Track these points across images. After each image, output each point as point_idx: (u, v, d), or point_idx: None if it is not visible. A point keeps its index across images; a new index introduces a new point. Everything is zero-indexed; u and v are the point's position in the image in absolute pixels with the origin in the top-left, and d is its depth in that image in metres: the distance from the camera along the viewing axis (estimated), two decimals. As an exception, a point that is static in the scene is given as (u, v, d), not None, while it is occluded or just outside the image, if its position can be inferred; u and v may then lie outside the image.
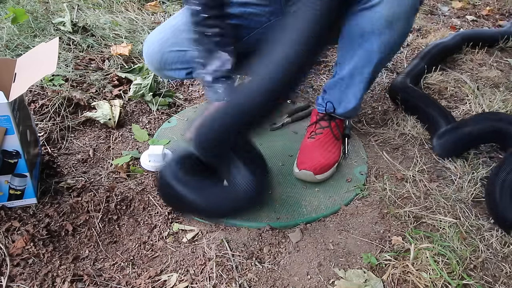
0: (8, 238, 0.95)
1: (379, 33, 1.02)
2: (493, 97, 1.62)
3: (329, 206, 1.11)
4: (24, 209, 1.03)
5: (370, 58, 1.08)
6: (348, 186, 1.19)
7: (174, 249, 0.99)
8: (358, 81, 1.14)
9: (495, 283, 0.92)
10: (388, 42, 1.05)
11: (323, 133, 1.23)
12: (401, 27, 1.03)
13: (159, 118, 1.47)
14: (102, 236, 1.01)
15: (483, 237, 1.02)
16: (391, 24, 1.01)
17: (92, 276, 0.91)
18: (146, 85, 1.52)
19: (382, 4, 0.98)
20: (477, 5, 2.78)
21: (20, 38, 1.76)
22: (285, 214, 1.08)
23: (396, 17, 1.00)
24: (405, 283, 0.90)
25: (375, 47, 1.05)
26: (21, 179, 1.00)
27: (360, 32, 1.05)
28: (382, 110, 1.59)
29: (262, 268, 0.94)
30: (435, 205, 1.11)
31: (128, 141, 1.35)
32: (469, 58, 1.98)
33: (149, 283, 0.90)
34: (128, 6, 2.24)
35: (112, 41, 1.89)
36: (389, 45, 1.06)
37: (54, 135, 1.32)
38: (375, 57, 1.08)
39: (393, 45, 1.07)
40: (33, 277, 0.89)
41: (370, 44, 1.05)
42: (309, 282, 0.91)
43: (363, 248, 1.00)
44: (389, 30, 1.02)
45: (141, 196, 1.12)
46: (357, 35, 1.05)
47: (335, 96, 1.20)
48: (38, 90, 1.48)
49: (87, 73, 1.64)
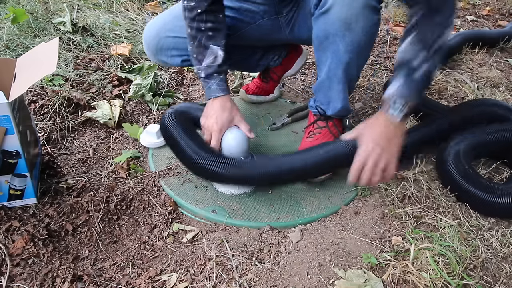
0: (8, 238, 0.95)
1: (341, 35, 1.02)
2: (493, 97, 1.62)
3: (329, 206, 1.11)
4: (24, 209, 1.03)
5: (339, 59, 1.08)
6: (348, 186, 1.19)
7: (174, 249, 0.99)
8: (336, 82, 1.14)
9: (495, 283, 0.92)
10: (353, 42, 1.04)
11: (321, 132, 1.23)
12: (361, 27, 1.01)
13: (159, 118, 1.47)
14: (102, 236, 1.01)
15: (483, 237, 1.02)
16: (350, 25, 1.00)
17: (92, 276, 0.91)
18: (146, 85, 1.52)
19: (336, 8, 0.99)
20: (477, 5, 2.78)
21: (20, 38, 1.76)
22: (285, 214, 1.08)
23: (354, 18, 0.99)
24: (405, 283, 0.90)
25: (342, 47, 1.05)
26: (21, 179, 1.00)
27: (325, 35, 1.05)
28: (382, 110, 1.59)
29: (262, 268, 0.94)
30: (435, 205, 1.11)
31: (128, 141, 1.35)
32: (469, 58, 1.98)
33: (149, 283, 0.90)
34: (128, 6, 2.24)
35: (112, 41, 1.89)
36: (355, 45, 1.05)
37: (54, 135, 1.32)
38: (344, 58, 1.07)
39: (360, 44, 1.05)
40: (33, 277, 0.89)
41: (336, 45, 1.05)
42: (309, 282, 0.91)
43: (363, 248, 1.00)
44: (349, 32, 1.01)
45: (141, 196, 1.12)
46: (323, 37, 1.06)
47: (322, 99, 1.21)
48: (38, 90, 1.48)
49: (87, 73, 1.64)
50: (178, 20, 1.23)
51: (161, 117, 1.19)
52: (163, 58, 1.29)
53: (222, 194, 1.14)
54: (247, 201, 1.12)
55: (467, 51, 2.02)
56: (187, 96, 1.63)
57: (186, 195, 1.12)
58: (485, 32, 2.23)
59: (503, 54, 2.09)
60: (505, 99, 1.61)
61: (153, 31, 1.26)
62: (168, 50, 1.27)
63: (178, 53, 1.27)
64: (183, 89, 1.68)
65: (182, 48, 1.25)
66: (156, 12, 2.28)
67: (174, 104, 1.55)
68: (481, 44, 2.04)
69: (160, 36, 1.25)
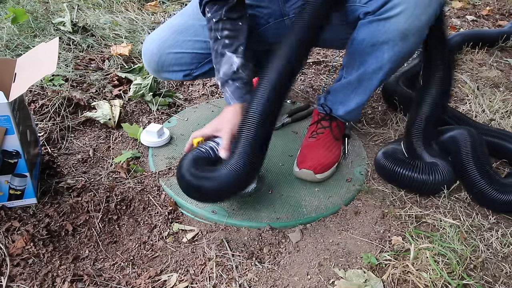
0: (8, 238, 0.95)
1: (393, 44, 1.01)
2: (493, 97, 1.62)
3: (329, 206, 1.11)
4: (24, 209, 1.03)
5: (380, 67, 1.08)
6: (348, 186, 1.19)
7: (174, 249, 0.99)
8: (365, 87, 1.14)
9: (495, 283, 0.92)
10: (400, 53, 1.04)
11: (324, 132, 1.24)
12: (415, 40, 1.01)
13: (159, 118, 1.47)
14: (102, 236, 1.01)
15: (483, 237, 1.02)
16: (406, 36, 0.99)
17: (92, 276, 0.91)
18: (146, 85, 1.52)
19: (401, 17, 0.96)
20: (477, 5, 2.78)
21: (20, 38, 1.76)
22: (285, 214, 1.08)
23: (413, 31, 0.99)
24: (405, 283, 0.90)
25: (387, 56, 1.05)
26: (21, 179, 1.00)
27: (372, 41, 1.04)
28: (382, 110, 1.59)
29: (262, 268, 0.94)
30: (435, 205, 1.11)
31: (128, 141, 1.35)
32: (469, 58, 1.98)
33: (149, 283, 0.90)
34: (128, 6, 2.24)
35: (112, 41, 1.89)
36: (400, 56, 1.05)
37: (54, 135, 1.32)
38: (385, 67, 1.07)
39: (405, 55, 1.06)
40: (33, 277, 0.89)
41: (381, 53, 1.05)
42: (309, 282, 0.91)
43: (363, 248, 1.00)
44: (402, 43, 1.01)
45: (141, 196, 1.12)
46: (369, 43, 1.04)
47: (339, 98, 1.21)
48: (38, 90, 1.48)
49: (87, 73, 1.64)
50: (178, 34, 1.22)
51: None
52: (164, 75, 1.29)
53: (222, 194, 1.14)
54: (247, 201, 1.12)
55: (467, 51, 2.03)
56: (187, 96, 1.63)
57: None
58: (484, 31, 2.23)
59: (503, 54, 2.09)
60: (505, 99, 1.61)
61: (153, 49, 1.24)
62: (169, 66, 1.26)
63: (180, 68, 1.26)
64: (183, 89, 1.68)
65: (183, 63, 1.25)
66: (156, 12, 2.28)
67: (174, 104, 1.55)
68: (481, 44, 2.04)
69: (161, 53, 1.23)
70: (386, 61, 1.06)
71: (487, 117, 1.51)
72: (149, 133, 1.30)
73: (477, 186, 1.08)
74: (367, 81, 1.13)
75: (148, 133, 1.30)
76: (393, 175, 1.14)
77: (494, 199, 1.06)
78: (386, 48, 1.03)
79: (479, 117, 1.51)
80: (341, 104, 1.21)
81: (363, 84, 1.14)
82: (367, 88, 1.14)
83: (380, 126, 1.49)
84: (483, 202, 1.10)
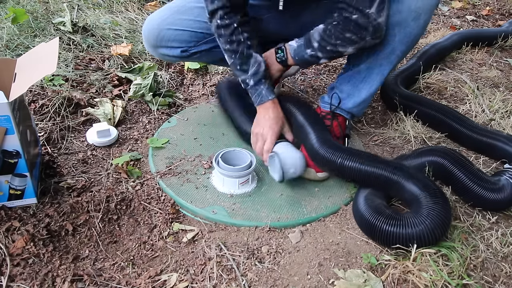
0: (8, 238, 0.95)
1: (405, 25, 1.03)
2: (493, 97, 1.62)
3: (329, 206, 1.11)
4: (24, 209, 1.03)
5: (392, 49, 1.08)
6: (348, 186, 1.19)
7: (174, 249, 0.99)
8: (376, 74, 1.14)
9: (495, 283, 0.92)
10: (411, 34, 1.05)
11: None
12: (425, 19, 1.04)
13: (159, 118, 1.47)
14: (102, 236, 1.01)
15: (483, 237, 1.02)
16: (419, 16, 1.01)
17: (92, 276, 0.91)
18: (146, 85, 1.52)
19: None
20: (477, 5, 2.78)
21: (20, 38, 1.76)
22: (285, 214, 1.08)
23: (425, 9, 1.01)
24: (405, 283, 0.90)
25: (398, 38, 1.05)
26: (21, 179, 1.00)
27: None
28: (382, 110, 1.59)
29: (262, 268, 0.94)
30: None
31: (128, 141, 1.35)
32: (469, 58, 1.98)
33: (149, 283, 0.90)
34: (128, 6, 2.24)
35: (112, 41, 1.89)
36: (411, 37, 1.06)
37: (54, 135, 1.32)
38: (398, 49, 1.08)
39: (415, 37, 1.07)
40: (33, 277, 0.89)
41: (393, 36, 1.05)
42: (309, 282, 0.91)
43: (363, 248, 1.00)
44: (414, 22, 1.02)
45: (141, 196, 1.12)
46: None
47: (347, 90, 1.20)
48: (38, 90, 1.48)
49: (87, 73, 1.64)
50: (178, 14, 1.25)
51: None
52: (162, 50, 1.29)
53: (222, 194, 1.14)
54: (247, 201, 1.12)
55: (467, 51, 2.03)
56: (187, 96, 1.63)
57: (186, 195, 1.12)
58: (482, 31, 2.23)
59: (503, 54, 2.09)
60: (505, 99, 1.61)
61: (153, 24, 1.27)
62: (168, 42, 1.27)
63: (178, 44, 1.27)
64: (183, 89, 1.68)
65: (182, 40, 1.26)
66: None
67: (174, 104, 1.55)
68: (480, 44, 2.04)
69: (161, 28, 1.25)
70: (397, 43, 1.06)
71: (487, 117, 1.51)
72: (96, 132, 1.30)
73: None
74: (378, 68, 1.13)
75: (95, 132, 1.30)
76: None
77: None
78: (398, 29, 1.04)
79: (479, 117, 1.51)
80: (349, 96, 1.21)
81: (374, 71, 1.14)
82: (377, 74, 1.14)
83: (380, 126, 1.49)
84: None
